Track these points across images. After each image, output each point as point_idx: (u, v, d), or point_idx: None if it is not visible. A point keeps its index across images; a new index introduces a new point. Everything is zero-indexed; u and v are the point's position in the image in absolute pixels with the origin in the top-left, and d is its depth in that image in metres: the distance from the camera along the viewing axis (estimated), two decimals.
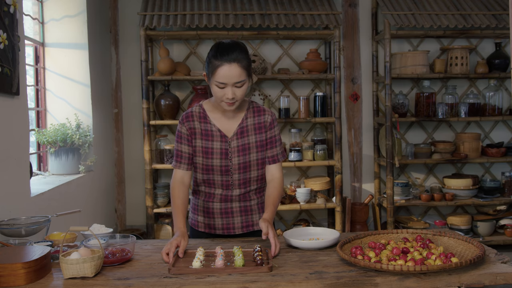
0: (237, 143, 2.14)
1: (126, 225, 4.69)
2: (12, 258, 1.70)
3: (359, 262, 1.69)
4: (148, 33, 4.20)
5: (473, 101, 4.61)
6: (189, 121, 2.15)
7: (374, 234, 2.03)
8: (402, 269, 1.62)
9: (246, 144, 2.15)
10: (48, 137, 3.58)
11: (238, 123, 2.16)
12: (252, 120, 2.17)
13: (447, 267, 1.62)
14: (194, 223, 2.29)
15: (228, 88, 2.00)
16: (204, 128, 2.15)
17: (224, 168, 2.14)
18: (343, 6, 4.73)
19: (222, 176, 2.15)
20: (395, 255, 1.79)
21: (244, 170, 2.16)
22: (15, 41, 2.53)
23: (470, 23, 4.31)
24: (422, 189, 4.69)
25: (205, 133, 2.14)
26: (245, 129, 2.16)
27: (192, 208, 2.31)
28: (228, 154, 2.13)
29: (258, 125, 2.18)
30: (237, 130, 2.15)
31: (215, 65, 1.99)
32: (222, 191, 2.19)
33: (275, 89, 4.68)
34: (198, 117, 2.16)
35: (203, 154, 2.14)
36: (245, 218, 2.24)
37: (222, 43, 2.04)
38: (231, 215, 2.22)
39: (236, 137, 2.14)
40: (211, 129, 2.14)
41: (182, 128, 2.16)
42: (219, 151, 2.13)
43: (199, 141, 2.15)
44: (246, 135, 2.15)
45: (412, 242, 1.94)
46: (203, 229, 2.26)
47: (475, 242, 1.85)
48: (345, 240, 1.93)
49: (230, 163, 2.14)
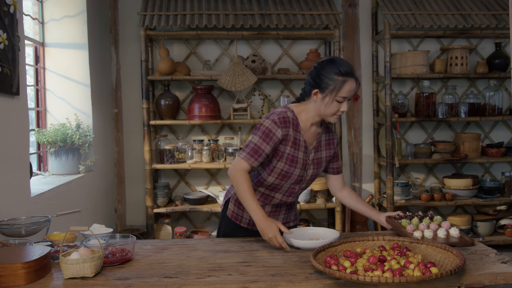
0: (314, 156, 2.26)
1: (126, 225, 4.69)
2: (12, 258, 1.70)
3: (334, 273, 1.60)
4: (148, 33, 4.20)
5: (473, 101, 4.61)
6: (287, 127, 2.15)
7: (350, 242, 1.96)
8: (380, 281, 1.53)
9: (320, 158, 2.28)
10: (48, 137, 3.58)
11: (316, 137, 2.28)
12: (325, 137, 2.31)
13: (427, 278, 1.54)
14: (238, 218, 2.35)
15: (345, 102, 2.13)
16: (295, 137, 2.19)
17: (300, 178, 2.24)
18: (343, 6, 4.73)
19: (294, 184, 2.26)
20: (372, 264, 1.72)
21: (310, 182, 2.32)
22: (15, 41, 2.53)
23: (470, 23, 4.31)
24: (422, 189, 4.69)
25: (295, 141, 2.19)
26: (321, 144, 2.29)
27: (237, 203, 2.34)
28: (307, 165, 2.24)
29: (328, 141, 2.32)
30: (315, 144, 2.26)
31: (341, 81, 2.08)
32: (282, 196, 2.29)
33: (275, 89, 4.68)
34: (292, 124, 2.18)
35: (288, 161, 2.18)
36: (285, 215, 2.38)
37: (335, 60, 2.13)
38: (277, 214, 2.35)
39: (315, 150, 2.26)
40: (300, 139, 2.20)
41: (278, 131, 2.13)
42: (301, 161, 2.21)
43: (288, 148, 2.17)
44: (320, 150, 2.29)
45: (389, 250, 1.86)
46: (246, 225, 2.33)
47: (454, 250, 1.78)
48: (319, 248, 1.85)
49: (305, 174, 2.25)
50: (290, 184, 2.24)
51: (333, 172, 2.41)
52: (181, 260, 1.92)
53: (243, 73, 4.16)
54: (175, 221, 4.66)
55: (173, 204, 4.38)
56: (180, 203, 4.39)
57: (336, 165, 2.40)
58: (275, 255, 1.97)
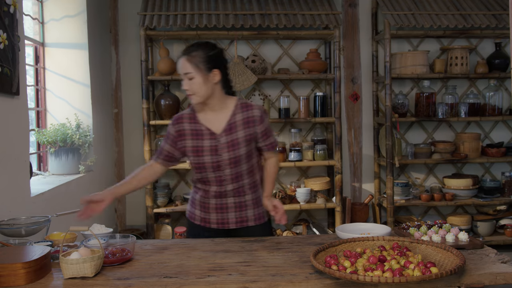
0: (226, 139, 2.24)
1: (126, 225, 4.69)
2: (12, 258, 1.70)
3: (334, 273, 1.60)
4: (148, 33, 4.20)
5: (473, 101, 4.61)
6: (179, 123, 2.29)
7: (350, 242, 1.96)
8: (380, 281, 1.54)
9: (235, 139, 2.24)
10: (48, 137, 3.58)
11: (227, 120, 2.26)
12: (240, 116, 2.26)
13: (427, 278, 1.54)
14: (192, 216, 2.41)
15: (184, 80, 2.20)
16: (194, 128, 2.27)
17: (216, 164, 2.24)
18: (343, 6, 4.73)
19: (215, 172, 2.26)
20: (372, 264, 1.71)
21: (235, 165, 2.26)
22: (15, 41, 2.53)
23: (470, 23, 4.31)
24: (422, 189, 4.69)
25: (195, 132, 2.26)
26: (234, 125, 2.25)
27: (190, 201, 2.44)
28: (218, 150, 2.23)
29: (247, 119, 2.26)
30: (225, 126, 2.25)
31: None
32: (216, 187, 2.30)
33: (275, 89, 4.68)
34: (188, 119, 2.29)
35: (194, 153, 2.26)
36: (239, 213, 2.34)
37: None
38: (225, 210, 2.33)
39: (225, 133, 2.24)
40: (200, 128, 2.26)
41: (171, 129, 2.30)
42: (208, 148, 2.24)
43: (189, 141, 2.27)
44: (235, 130, 2.24)
45: (389, 250, 1.86)
46: (199, 222, 2.38)
47: (454, 250, 1.78)
48: (319, 248, 1.85)
49: (221, 159, 2.23)
50: (212, 173, 2.26)
51: (265, 148, 2.33)
52: (181, 260, 1.92)
53: (243, 73, 4.16)
54: (175, 221, 4.66)
55: (173, 204, 4.38)
56: (180, 203, 4.39)
57: (267, 142, 2.31)
58: (275, 255, 1.97)
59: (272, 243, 2.16)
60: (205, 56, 2.18)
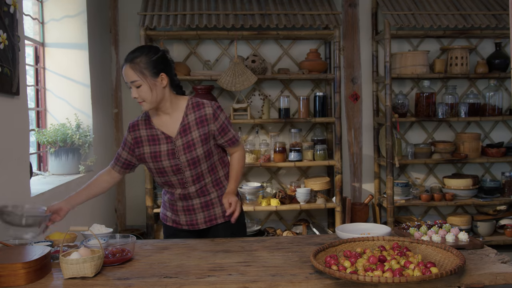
0: (182, 142, 2.21)
1: (126, 225, 4.69)
2: (12, 258, 1.70)
3: (334, 273, 1.61)
4: (148, 33, 4.20)
5: (473, 101, 4.61)
6: (135, 130, 2.28)
7: (350, 242, 1.96)
8: (380, 281, 1.54)
9: (190, 140, 2.21)
10: (48, 137, 3.58)
11: (180, 122, 2.23)
12: (193, 116, 2.23)
13: (427, 278, 1.54)
14: (164, 217, 2.43)
15: (132, 89, 2.16)
16: (150, 134, 2.25)
17: (175, 168, 2.22)
18: (343, 6, 4.73)
19: (176, 176, 2.24)
20: (372, 264, 1.71)
21: (194, 166, 2.23)
22: (15, 41, 2.53)
23: (470, 23, 4.31)
24: (422, 189, 4.69)
25: (151, 138, 2.24)
26: (187, 126, 2.22)
27: (162, 203, 2.45)
28: (175, 153, 2.21)
29: (200, 119, 2.23)
30: (179, 129, 2.22)
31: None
32: (180, 190, 2.28)
33: (275, 89, 4.68)
34: (143, 125, 2.27)
35: (152, 159, 2.24)
36: (207, 213, 2.32)
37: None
38: (193, 212, 2.32)
39: (180, 136, 2.21)
40: (156, 133, 2.24)
41: (128, 136, 2.29)
42: (166, 153, 2.21)
43: (146, 147, 2.25)
44: (189, 132, 2.21)
45: (389, 250, 1.86)
46: (170, 224, 2.39)
47: (454, 250, 1.77)
48: (319, 248, 1.85)
49: (179, 162, 2.21)
50: (173, 176, 2.24)
51: (226, 145, 2.30)
52: (181, 260, 1.92)
53: (243, 73, 4.16)
54: None
55: None
56: None
57: (225, 138, 2.27)
58: (275, 255, 1.97)
59: (272, 243, 2.16)
60: (149, 61, 2.13)
